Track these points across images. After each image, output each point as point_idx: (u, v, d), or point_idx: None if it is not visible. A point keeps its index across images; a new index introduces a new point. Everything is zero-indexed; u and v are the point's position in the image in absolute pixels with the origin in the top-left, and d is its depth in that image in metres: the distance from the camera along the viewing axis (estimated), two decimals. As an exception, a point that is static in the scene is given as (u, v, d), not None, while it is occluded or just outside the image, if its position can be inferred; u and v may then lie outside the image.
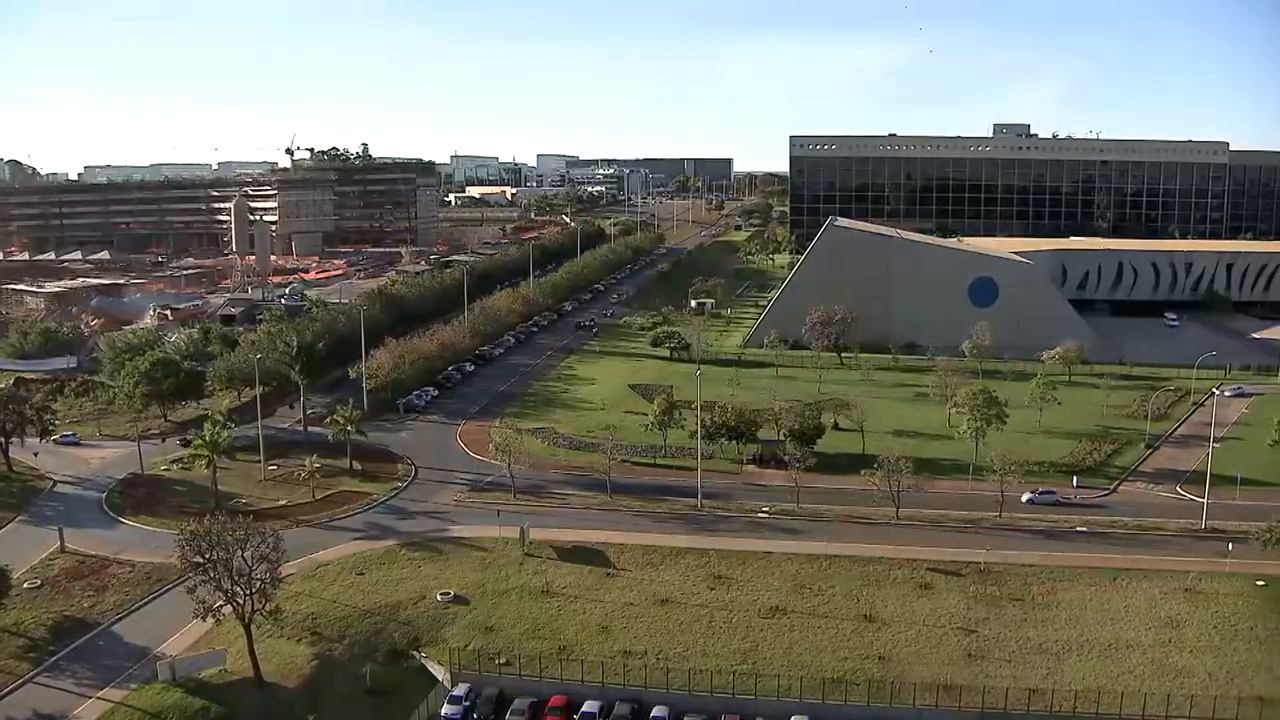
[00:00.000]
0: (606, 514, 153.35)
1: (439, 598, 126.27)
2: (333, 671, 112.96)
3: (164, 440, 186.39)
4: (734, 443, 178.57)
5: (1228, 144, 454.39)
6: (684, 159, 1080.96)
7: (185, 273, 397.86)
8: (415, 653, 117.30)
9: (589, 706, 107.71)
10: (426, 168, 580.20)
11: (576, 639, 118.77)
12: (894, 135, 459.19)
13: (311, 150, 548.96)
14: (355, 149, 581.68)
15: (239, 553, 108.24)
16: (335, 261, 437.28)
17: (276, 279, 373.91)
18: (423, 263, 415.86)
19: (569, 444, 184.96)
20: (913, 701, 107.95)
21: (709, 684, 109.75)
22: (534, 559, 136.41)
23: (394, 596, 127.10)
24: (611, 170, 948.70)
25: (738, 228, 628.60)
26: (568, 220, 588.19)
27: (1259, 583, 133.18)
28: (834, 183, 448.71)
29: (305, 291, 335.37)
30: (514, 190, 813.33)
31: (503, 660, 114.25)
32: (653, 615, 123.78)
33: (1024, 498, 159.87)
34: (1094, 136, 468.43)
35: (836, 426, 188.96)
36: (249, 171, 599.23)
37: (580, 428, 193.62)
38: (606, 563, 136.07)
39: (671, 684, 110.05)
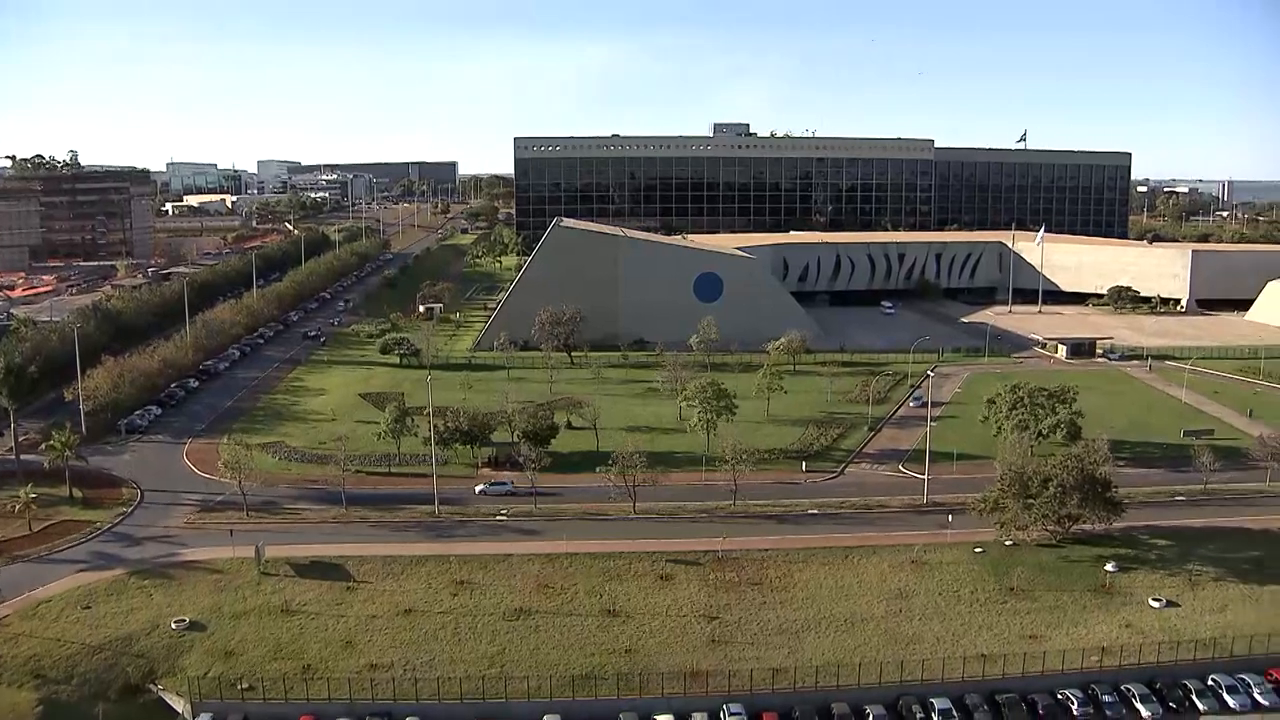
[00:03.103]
0: (344, 526, 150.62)
1: (173, 625, 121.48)
2: (61, 715, 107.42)
3: None
4: (468, 447, 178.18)
5: (933, 141, 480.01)
6: (408, 163, 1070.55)
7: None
8: (152, 686, 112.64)
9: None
10: (141, 176, 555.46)
11: (321, 657, 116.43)
12: (617, 136, 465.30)
13: (13, 158, 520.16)
14: (63, 156, 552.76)
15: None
16: (44, 277, 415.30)
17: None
18: (140, 276, 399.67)
19: (301, 457, 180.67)
20: (661, 690, 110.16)
21: (459, 691, 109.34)
22: (271, 577, 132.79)
23: (125, 628, 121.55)
24: (335, 176, 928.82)
25: (464, 231, 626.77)
26: (291, 228, 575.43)
27: (977, 550, 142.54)
28: (559, 183, 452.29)
29: (11, 310, 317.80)
30: (234, 198, 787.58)
31: (245, 685, 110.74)
32: (397, 626, 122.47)
33: (477, 489, 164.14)
34: (810, 135, 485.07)
35: (570, 425, 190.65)
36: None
37: (312, 440, 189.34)
38: (346, 576, 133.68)
39: (421, 694, 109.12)
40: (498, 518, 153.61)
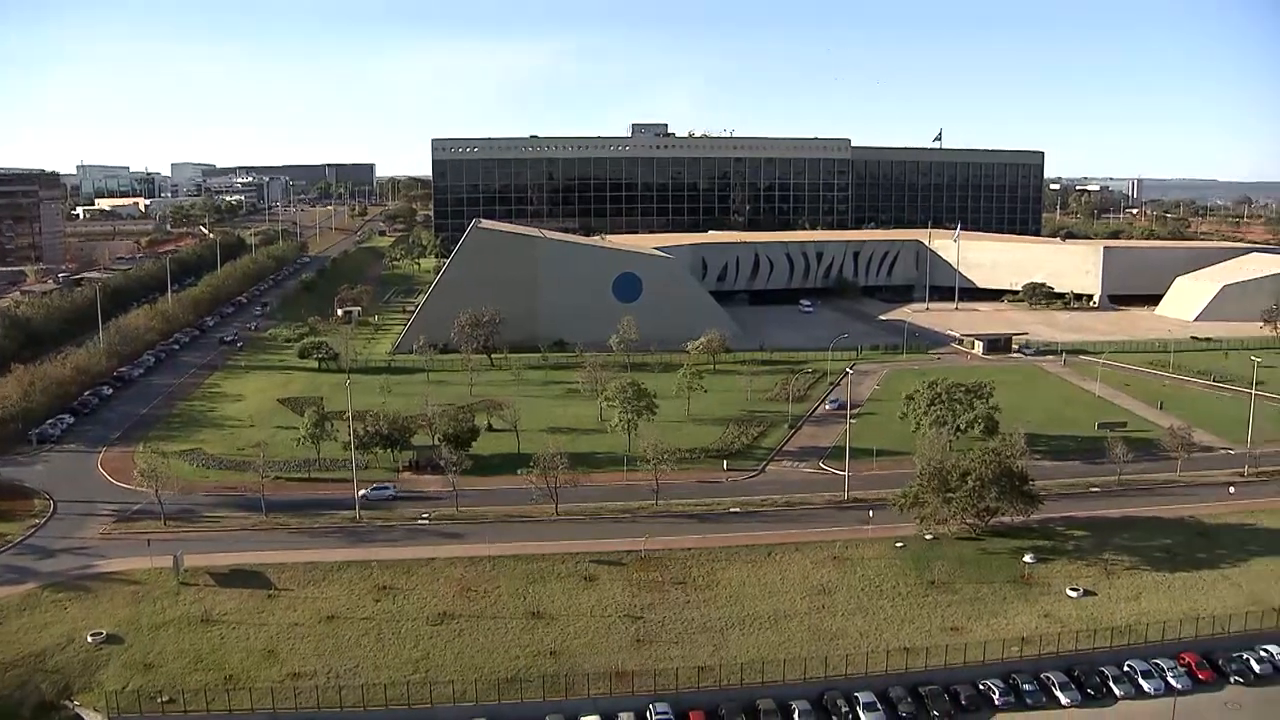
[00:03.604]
0: (264, 533, 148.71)
1: (90, 639, 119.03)
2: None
3: None
4: (389, 451, 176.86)
5: (850, 141, 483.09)
6: (325, 165, 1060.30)
7: None
8: (67, 702, 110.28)
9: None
10: (50, 179, 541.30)
11: (242, 666, 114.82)
12: (535, 137, 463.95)
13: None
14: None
15: None
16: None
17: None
18: (50, 281, 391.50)
19: (219, 464, 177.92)
20: (587, 692, 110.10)
21: (383, 697, 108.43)
22: (191, 587, 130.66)
23: (38, 644, 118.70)
24: (251, 178, 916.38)
25: (382, 233, 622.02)
26: (206, 231, 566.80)
27: (898, 544, 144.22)
28: (478, 185, 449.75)
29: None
30: (148, 201, 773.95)
31: (165, 698, 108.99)
32: (320, 633, 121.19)
33: (361, 493, 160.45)
34: (728, 135, 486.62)
35: (490, 428, 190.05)
36: None
37: (230, 446, 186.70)
38: (267, 584, 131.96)
39: (345, 702, 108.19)
40: (419, 521, 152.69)
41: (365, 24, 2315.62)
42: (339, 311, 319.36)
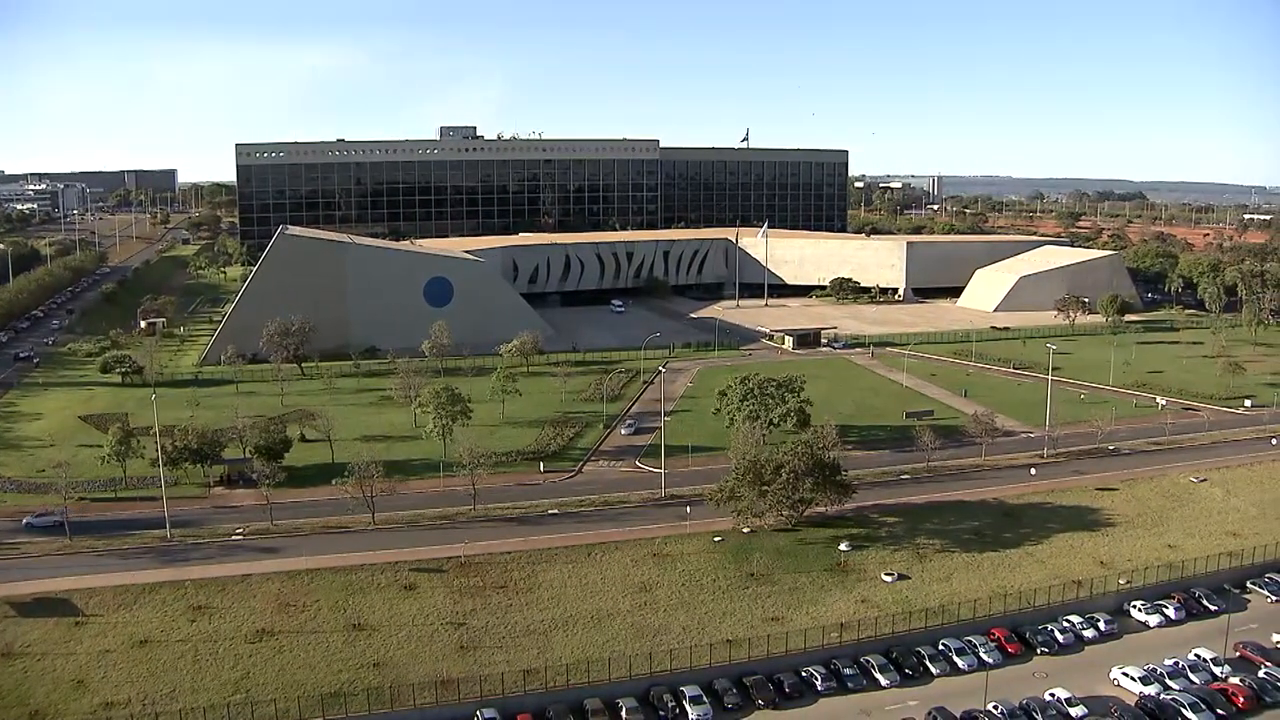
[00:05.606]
0: (69, 558, 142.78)
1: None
2: None
3: None
4: (199, 466, 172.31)
5: (658, 141, 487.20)
6: (125, 171, 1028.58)
7: None
8: None
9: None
10: None
11: (50, 700, 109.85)
12: (343, 140, 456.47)
13: None
14: None
15: None
16: None
17: None
18: None
19: (17, 487, 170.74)
20: (413, 702, 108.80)
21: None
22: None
23: None
24: (44, 186, 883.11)
25: (186, 241, 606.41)
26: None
27: (716, 539, 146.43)
28: (284, 190, 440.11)
29: None
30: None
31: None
32: (133, 659, 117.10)
33: (24, 521, 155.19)
34: (537, 137, 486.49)
35: (303, 438, 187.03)
36: None
37: (29, 468, 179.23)
38: (74, 611, 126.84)
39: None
40: (233, 537, 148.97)
41: (160, 24, 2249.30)
42: (142, 323, 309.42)
